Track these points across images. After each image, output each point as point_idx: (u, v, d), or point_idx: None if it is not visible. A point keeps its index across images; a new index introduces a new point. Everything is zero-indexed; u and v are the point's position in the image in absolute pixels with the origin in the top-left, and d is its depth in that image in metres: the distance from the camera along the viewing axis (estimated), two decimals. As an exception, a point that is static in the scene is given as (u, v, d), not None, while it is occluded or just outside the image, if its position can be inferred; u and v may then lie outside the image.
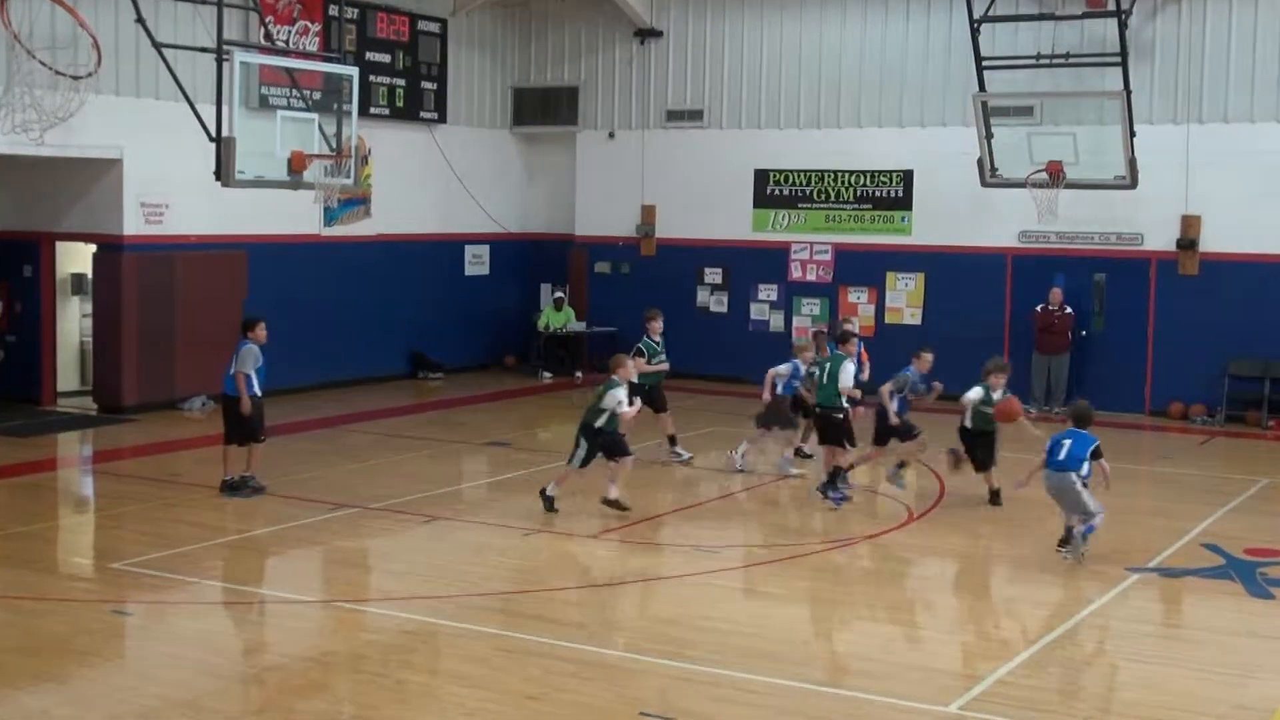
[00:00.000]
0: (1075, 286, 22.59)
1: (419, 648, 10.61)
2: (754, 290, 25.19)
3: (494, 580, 12.48)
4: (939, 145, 23.27)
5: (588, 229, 26.64)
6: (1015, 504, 15.73)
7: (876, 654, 10.62)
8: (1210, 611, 12.03)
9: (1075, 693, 9.87)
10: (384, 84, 24.17)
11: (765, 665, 10.25)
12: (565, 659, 10.19)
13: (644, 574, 12.74)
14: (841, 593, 12.47)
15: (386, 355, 24.57)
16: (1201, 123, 21.84)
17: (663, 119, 25.97)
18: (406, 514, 14.62)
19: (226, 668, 10.18)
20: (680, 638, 10.79)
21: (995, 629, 11.33)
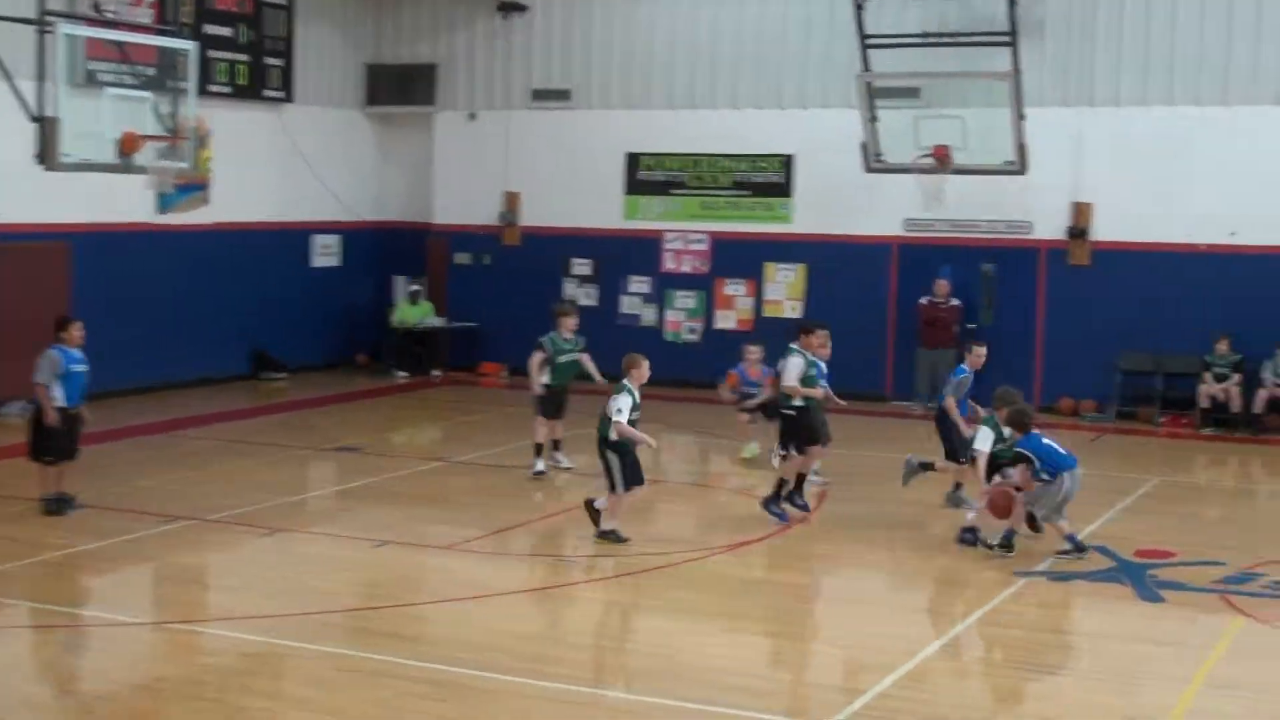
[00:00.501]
0: (963, 277, 22.95)
1: (260, 670, 10.47)
2: (625, 282, 25.23)
3: (342, 596, 12.36)
4: (821, 128, 23.48)
5: (447, 217, 26.49)
6: (895, 508, 15.96)
7: (754, 668, 10.69)
8: (1100, 616, 12.28)
9: (960, 705, 10.01)
10: (225, 60, 23.79)
11: (636, 682, 10.27)
12: (418, 679, 10.12)
13: (504, 587, 12.69)
14: (716, 603, 12.53)
15: (226, 354, 24.20)
16: (1093, 106, 22.30)
17: (528, 99, 25.90)
18: (247, 526, 14.43)
19: (47, 698, 9.95)
20: (544, 654, 10.77)
21: (877, 639, 11.46)
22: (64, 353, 14.92)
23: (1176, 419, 21.63)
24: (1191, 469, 19.38)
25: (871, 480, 17.22)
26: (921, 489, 16.37)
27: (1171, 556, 13.78)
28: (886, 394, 23.26)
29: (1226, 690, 10.22)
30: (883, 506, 15.92)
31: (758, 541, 14.32)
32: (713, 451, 19.97)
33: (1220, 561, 13.56)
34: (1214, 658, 10.95)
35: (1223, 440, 20.77)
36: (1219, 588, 12.76)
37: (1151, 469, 18.31)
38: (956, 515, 14.73)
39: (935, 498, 16.13)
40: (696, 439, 20.58)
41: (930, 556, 13.88)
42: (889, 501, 16.20)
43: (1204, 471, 19.45)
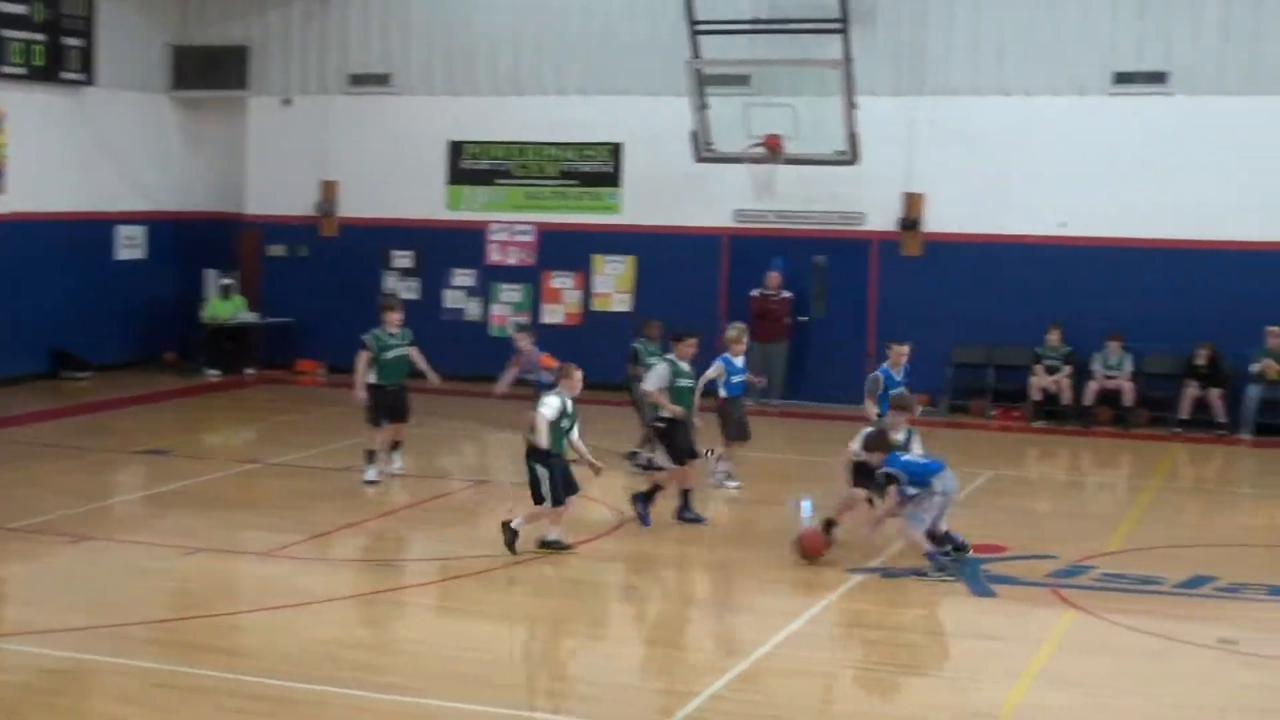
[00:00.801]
0: (795, 269, 23.32)
1: (65, 688, 10.28)
2: (448, 275, 25.18)
3: (153, 607, 12.18)
4: (650, 116, 23.64)
5: (260, 207, 26.16)
6: (728, 507, 16.20)
7: (584, 673, 10.79)
8: (933, 613, 12.62)
9: (793, 704, 10.22)
10: (19, 39, 23.22)
11: (465, 690, 10.30)
12: (236, 693, 10.03)
13: (326, 594, 12.62)
14: (544, 607, 12.61)
15: (23, 353, 23.63)
16: (925, 95, 22.79)
17: (345, 84, 25.70)
18: (50, 535, 14.14)
19: None
20: (368, 663, 10.75)
21: (709, 641, 11.64)
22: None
23: (1008, 412, 22.24)
24: (1023, 462, 19.96)
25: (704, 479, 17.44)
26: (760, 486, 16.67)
27: (1003, 551, 14.20)
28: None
29: (1058, 684, 10.56)
30: (716, 505, 16.13)
31: (589, 543, 14.41)
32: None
33: (1051, 555, 14.01)
34: (1046, 651, 11.31)
35: (1054, 433, 21.42)
36: (1050, 581, 13.19)
37: (983, 463, 18.79)
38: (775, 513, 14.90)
39: (770, 495, 16.39)
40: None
41: (763, 554, 14.08)
42: (722, 500, 16.42)
43: (1035, 464, 20.04)
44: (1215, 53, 21.72)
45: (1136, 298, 21.98)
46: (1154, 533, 15.43)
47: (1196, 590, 13.04)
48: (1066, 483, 19.43)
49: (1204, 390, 21.33)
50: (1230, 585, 13.21)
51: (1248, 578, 13.48)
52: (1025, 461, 19.98)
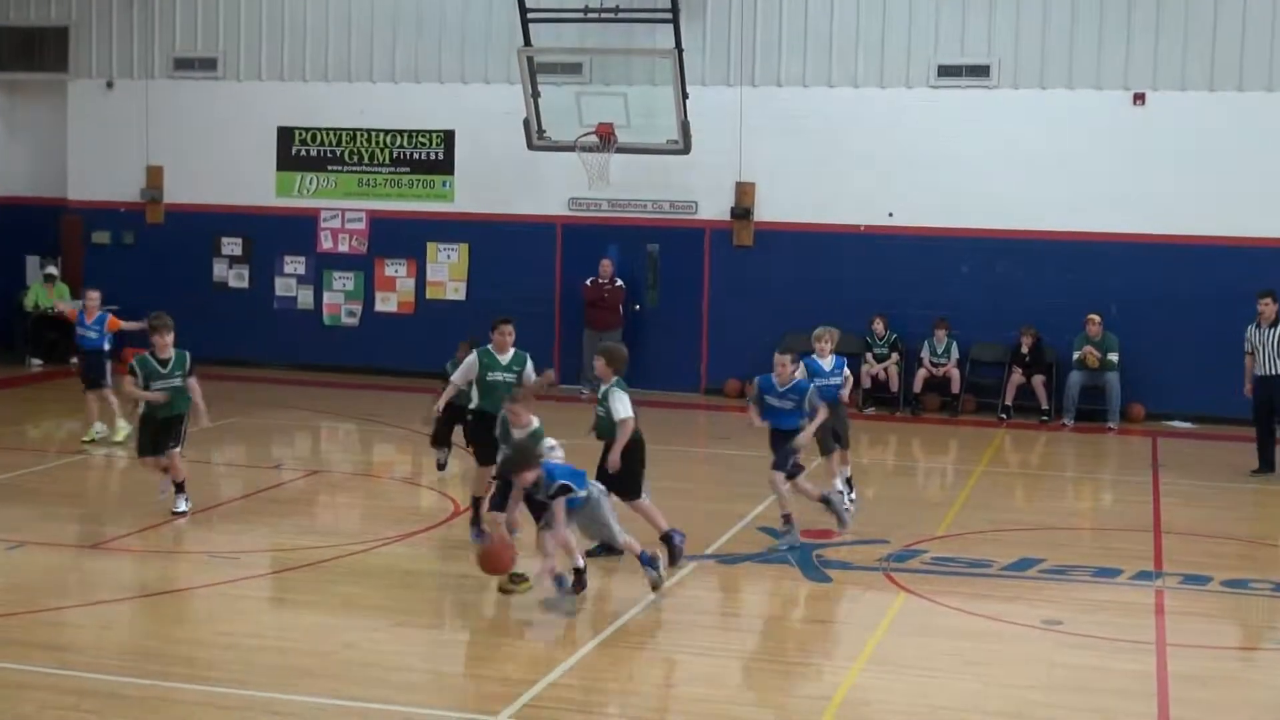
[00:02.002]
0: (629, 258, 23.39)
1: (-119, 687, 9.96)
2: (280, 263, 24.83)
3: (-25, 603, 11.84)
4: (482, 104, 23.58)
5: (83, 193, 25.55)
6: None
7: (418, 663, 10.70)
8: (768, 598, 12.75)
9: (631, 691, 10.25)
10: None
11: (299, 682, 10.17)
12: (64, 690, 9.78)
13: (155, 587, 12.36)
14: (381, 597, 12.49)
15: None
16: (754, 86, 22.99)
17: (170, 67, 25.19)
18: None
19: None
20: (200, 658, 10.55)
21: (547, 628, 11.62)
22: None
23: (838, 399, 22.49)
24: (854, 449, 20.16)
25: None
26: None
27: (836, 536, 14.38)
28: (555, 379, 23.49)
29: (891, 666, 10.72)
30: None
31: (423, 532, 14.31)
32: (376, 439, 19.85)
33: (884, 540, 14.23)
34: (878, 635, 11.48)
35: (883, 420, 21.76)
36: (883, 566, 13.40)
37: (814, 450, 18.99)
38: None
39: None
40: (358, 426, 20.41)
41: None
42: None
43: (866, 451, 20.28)
44: (1036, 46, 22.21)
45: (962, 286, 22.45)
46: (982, 517, 15.76)
47: (1024, 573, 13.34)
48: (896, 468, 19.76)
49: (1028, 377, 21.84)
50: (1056, 567, 13.54)
51: (1073, 560, 13.83)
52: (856, 448, 20.12)
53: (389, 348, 24.02)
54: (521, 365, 13.82)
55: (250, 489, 16.24)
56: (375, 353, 24.07)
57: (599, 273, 23.05)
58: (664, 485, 15.49)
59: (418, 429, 19.03)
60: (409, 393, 22.01)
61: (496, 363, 13.78)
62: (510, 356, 13.83)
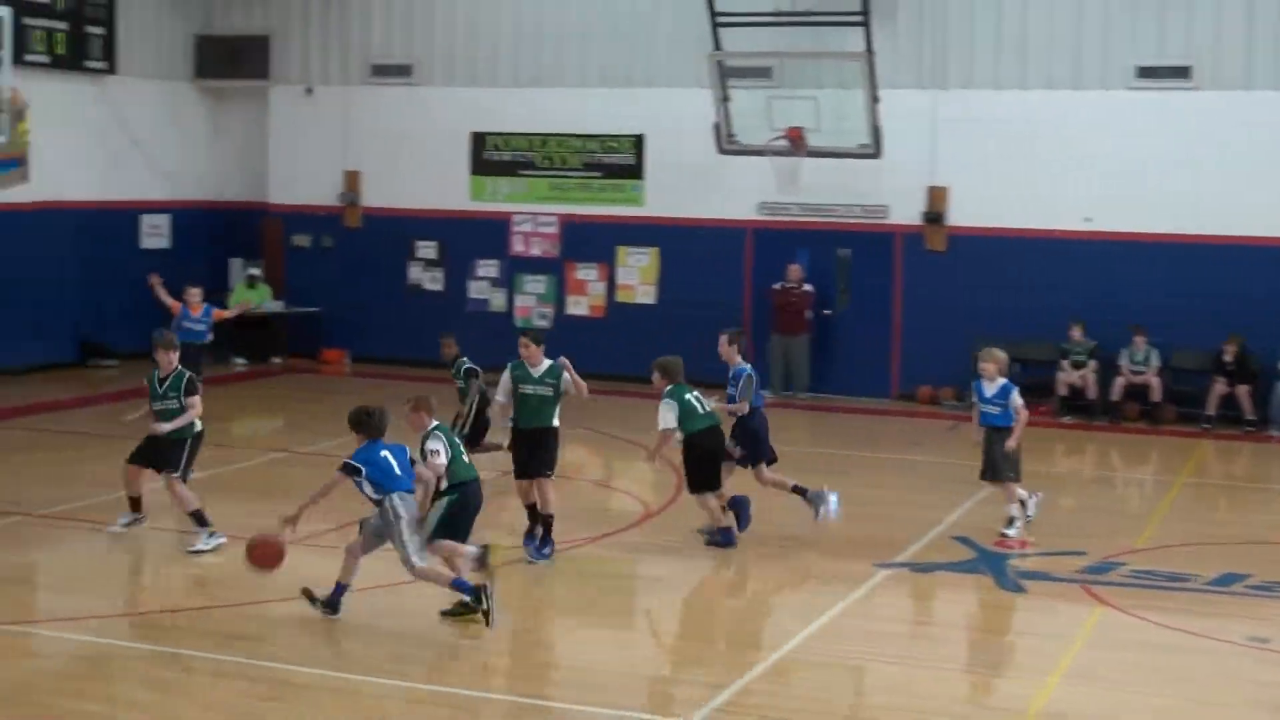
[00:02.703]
0: (818, 262, 23.26)
1: (93, 673, 10.31)
2: (473, 266, 25.15)
3: (178, 594, 12.19)
4: (672, 108, 23.60)
5: (284, 197, 26.16)
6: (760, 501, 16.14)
7: (613, 664, 10.74)
8: (962, 608, 12.57)
9: (822, 698, 10.18)
10: (41, 28, 23.21)
11: (490, 680, 10.29)
12: (260, 680, 10.03)
13: (353, 583, 12.58)
14: (569, 598, 12.57)
15: (51, 341, 23.67)
16: (947, 89, 22.70)
17: (367, 74, 25.67)
18: (77, 521, 14.14)
19: None
20: (396, 653, 10.72)
21: (740, 633, 11.60)
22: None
23: (1034, 407, 21.98)
24: (1050, 458, 19.80)
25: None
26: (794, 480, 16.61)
27: (1031, 546, 14.12)
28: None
29: (1087, 680, 10.51)
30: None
31: (615, 535, 14.38)
32: (568, 441, 19.94)
33: (1080, 551, 13.92)
34: (1075, 648, 11.25)
35: (1081, 429, 21.29)
36: (1080, 577, 13.11)
37: (1009, 457, 18.70)
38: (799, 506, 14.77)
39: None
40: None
41: (790, 548, 14.05)
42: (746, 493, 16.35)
43: (1063, 460, 19.92)
44: (1240, 46, 21.58)
45: (1163, 293, 21.86)
46: (1183, 529, 15.35)
47: (1228, 588, 12.95)
48: (1094, 478, 19.34)
49: (1232, 386, 21.21)
50: (1262, 583, 13.11)
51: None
52: (1052, 457, 19.83)
53: (580, 350, 23.95)
54: (556, 377, 13.56)
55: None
56: (566, 355, 24.15)
57: (787, 277, 22.96)
58: (855, 492, 15.41)
59: (609, 431, 19.19)
60: (601, 395, 22.12)
61: (529, 376, 13.56)
62: (544, 369, 13.60)
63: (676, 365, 14.17)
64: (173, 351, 13.59)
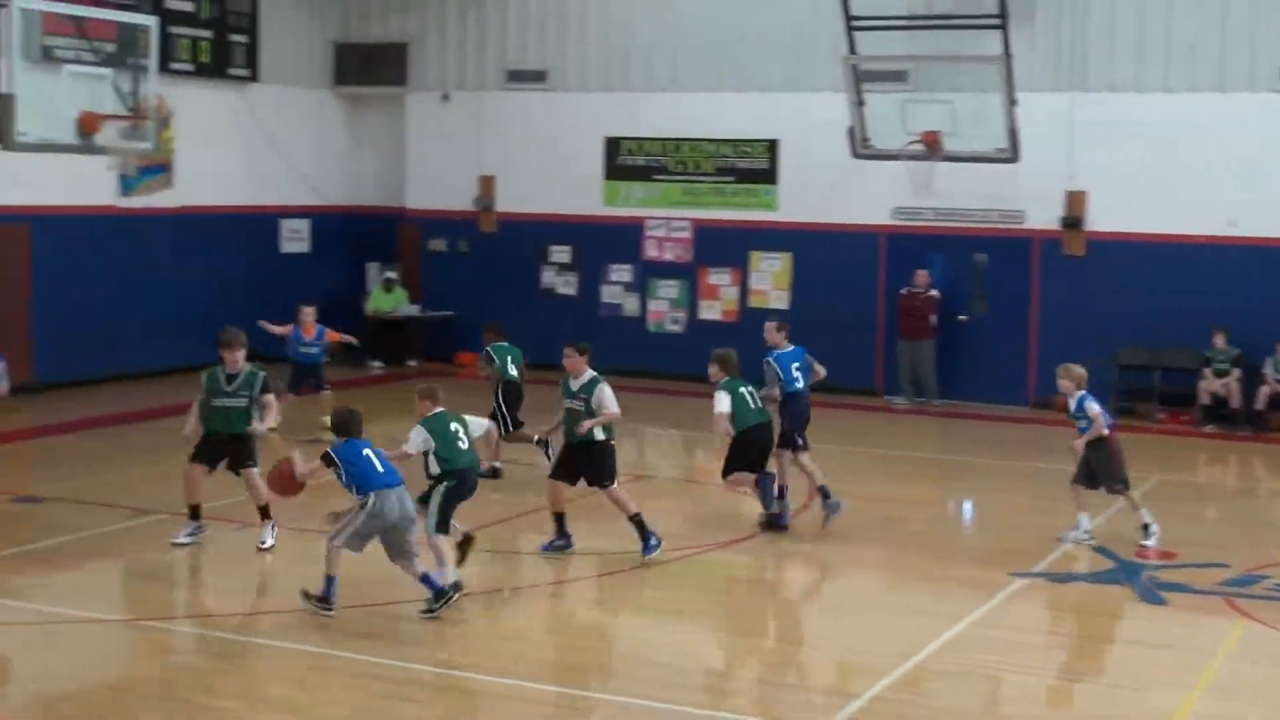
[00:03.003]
0: (954, 267, 23.02)
1: (231, 670, 10.47)
2: (606, 271, 25.22)
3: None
4: (806, 113, 23.48)
5: (420, 202, 26.43)
6: (885, 508, 16.01)
7: (744, 670, 10.71)
8: (1100, 619, 12.34)
9: (956, 709, 10.05)
10: (187, 36, 23.70)
11: (620, 684, 10.29)
12: (396, 680, 10.12)
13: (484, 585, 12.67)
14: (695, 602, 12.54)
15: (191, 342, 23.98)
16: (1086, 91, 22.35)
17: (503, 80, 25.86)
18: (217, 520, 14.35)
19: (11, 697, 9.92)
20: (526, 655, 10.77)
21: (871, 641, 11.48)
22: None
23: (1176, 416, 21.69)
24: (1192, 467, 19.44)
25: (860, 479, 17.28)
26: (914, 487, 16.45)
27: (1172, 557, 13.83)
28: (878, 388, 23.31)
29: (1229, 694, 10.28)
30: (873, 506, 15.95)
31: (746, 540, 14.32)
32: (699, 446, 19.97)
33: (1224, 563, 13.59)
34: (1216, 662, 11.00)
35: (1224, 438, 20.82)
36: (1222, 590, 12.81)
37: (1151, 467, 18.32)
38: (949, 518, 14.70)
39: (924, 495, 16.18)
40: (682, 433, 20.56)
41: (924, 556, 13.92)
42: (879, 500, 16.25)
43: (1205, 470, 19.52)
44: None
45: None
46: (1330, 542, 14.94)
47: (1377, 602, 12.60)
48: (1238, 489, 18.90)
49: (1380, 396, 20.63)
50: None
51: None
52: (1194, 466, 19.46)
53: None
54: (590, 393, 13.39)
55: (575, 493, 16.48)
56: (699, 360, 24.08)
57: (913, 282, 22.76)
58: (991, 499, 15.19)
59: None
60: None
61: (567, 388, 13.58)
62: (582, 382, 13.50)
63: (732, 358, 14.53)
64: (239, 350, 13.58)
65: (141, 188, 23.17)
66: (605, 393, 13.38)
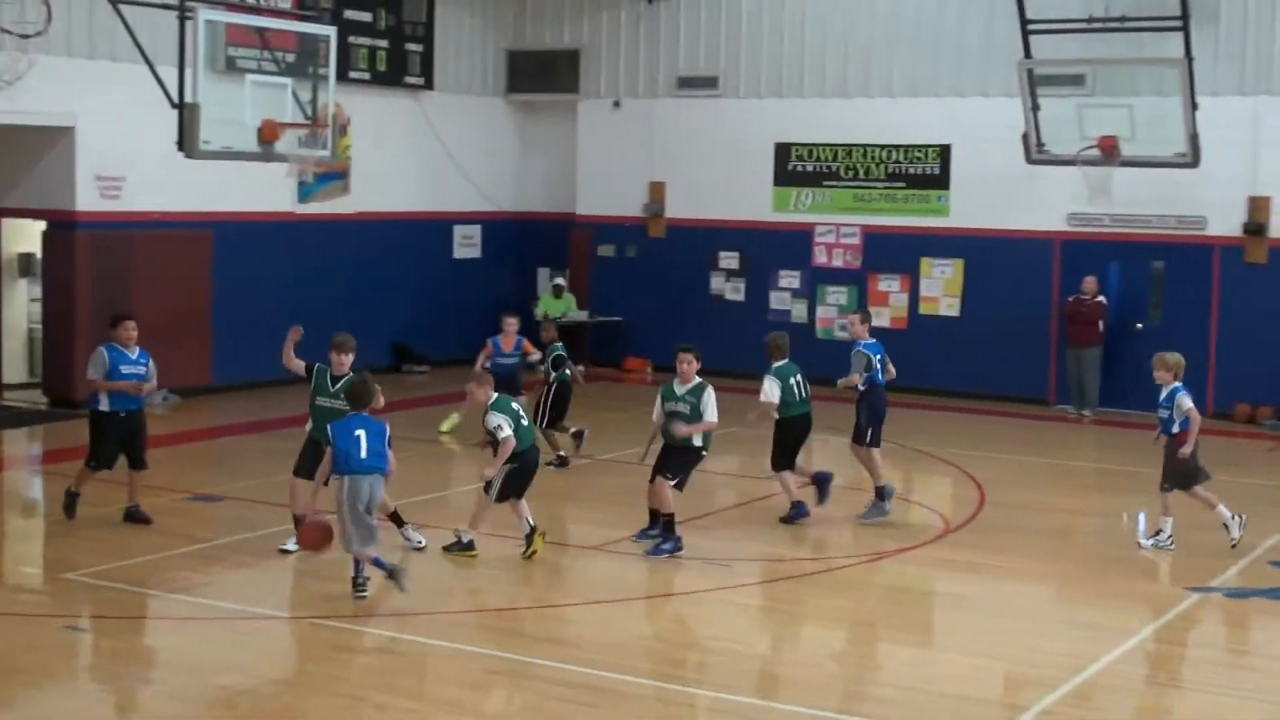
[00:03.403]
0: (1130, 274, 22.62)
1: (403, 669, 10.64)
2: (774, 277, 25.19)
3: (487, 595, 12.51)
4: (980, 117, 23.26)
5: (590, 208, 26.66)
6: (1055, 518, 15.78)
7: (907, 681, 10.63)
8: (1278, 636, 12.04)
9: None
10: (364, 45, 24.19)
11: (782, 691, 10.29)
12: (565, 683, 10.21)
13: (652, 590, 12.75)
14: (869, 612, 12.48)
15: (366, 346, 24.06)
16: (1271, 95, 21.83)
17: (673, 86, 25.97)
18: (390, 522, 14.61)
19: (191, 691, 10.19)
20: (690, 660, 10.81)
21: (1039, 654, 11.34)
22: (115, 352, 14.18)
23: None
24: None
25: (1028, 488, 17.07)
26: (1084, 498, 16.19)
27: (1361, 573, 13.46)
28: (1050, 397, 22.96)
29: None
30: (1043, 516, 15.74)
31: (917, 549, 14.22)
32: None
33: None
34: (1404, 682, 10.68)
35: None
36: None
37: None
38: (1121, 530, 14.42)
39: (1101, 507, 15.92)
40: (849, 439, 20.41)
41: (1095, 568, 13.70)
42: (1049, 511, 16.02)
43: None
44: None
45: None
46: None
47: None
48: None
49: None
50: None
51: None
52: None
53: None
54: (697, 397, 13.66)
55: (744, 498, 16.54)
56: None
57: (1081, 289, 22.38)
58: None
59: (908, 444, 18.97)
60: (897, 408, 21.91)
61: (673, 393, 13.84)
62: (689, 388, 13.79)
63: (784, 343, 15.11)
64: (347, 354, 13.60)
65: (319, 194, 23.70)
66: (710, 399, 13.74)
